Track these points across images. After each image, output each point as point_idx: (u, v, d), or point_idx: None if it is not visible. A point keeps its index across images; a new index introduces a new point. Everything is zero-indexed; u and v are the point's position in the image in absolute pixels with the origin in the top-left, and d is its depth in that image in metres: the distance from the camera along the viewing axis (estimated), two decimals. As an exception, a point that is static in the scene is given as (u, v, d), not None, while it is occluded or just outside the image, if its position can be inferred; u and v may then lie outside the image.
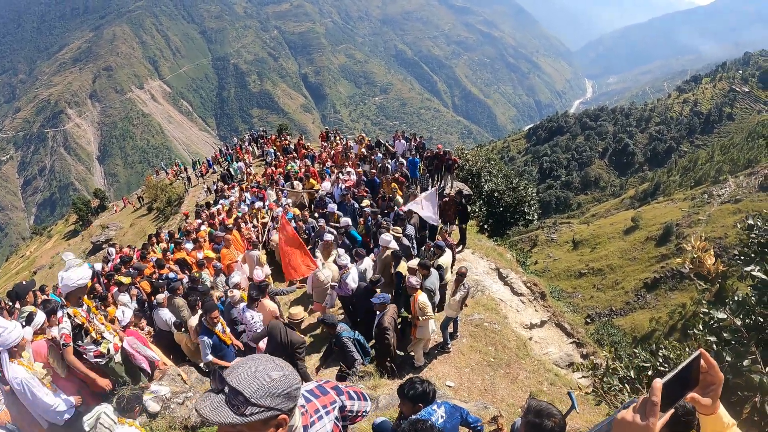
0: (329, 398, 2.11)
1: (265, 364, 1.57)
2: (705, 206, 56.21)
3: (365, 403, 2.38)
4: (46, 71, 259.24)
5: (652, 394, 1.24)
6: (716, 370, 1.36)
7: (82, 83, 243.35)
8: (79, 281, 5.21)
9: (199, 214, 18.60)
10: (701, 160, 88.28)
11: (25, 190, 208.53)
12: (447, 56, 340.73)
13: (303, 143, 29.55)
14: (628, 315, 48.28)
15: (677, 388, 1.32)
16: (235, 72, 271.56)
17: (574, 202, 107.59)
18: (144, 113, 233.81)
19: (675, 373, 1.31)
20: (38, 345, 5.29)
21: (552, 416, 2.93)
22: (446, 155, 17.01)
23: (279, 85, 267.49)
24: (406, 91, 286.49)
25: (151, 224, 33.25)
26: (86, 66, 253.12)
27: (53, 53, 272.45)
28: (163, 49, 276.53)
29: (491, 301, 10.87)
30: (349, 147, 23.17)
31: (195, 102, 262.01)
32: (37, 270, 38.16)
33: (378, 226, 11.09)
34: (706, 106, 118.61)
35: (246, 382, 1.50)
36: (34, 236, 58.93)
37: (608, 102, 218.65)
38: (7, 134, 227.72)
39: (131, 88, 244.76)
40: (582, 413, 6.45)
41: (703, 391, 1.38)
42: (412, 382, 3.98)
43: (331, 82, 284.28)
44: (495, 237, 18.95)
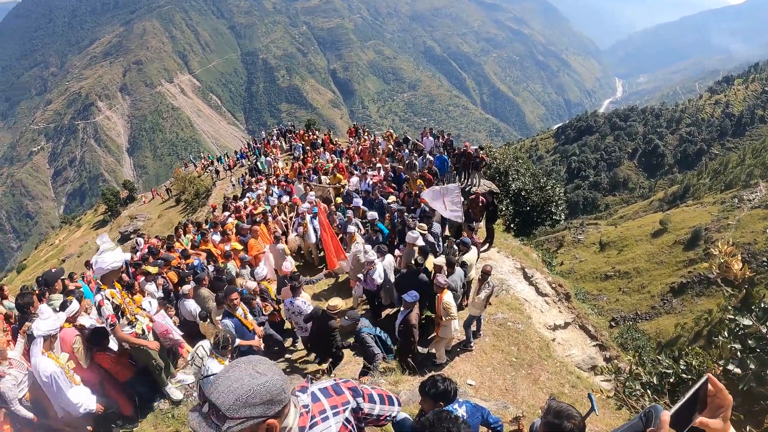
0: (342, 398, 2.06)
1: (242, 373, 1.55)
2: (735, 211, 55.05)
3: (391, 407, 2.33)
4: (77, 65, 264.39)
5: (661, 427, 1.27)
6: (725, 393, 1.36)
7: (113, 76, 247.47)
8: (113, 264, 5.37)
9: (227, 206, 18.80)
10: (732, 163, 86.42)
11: (55, 180, 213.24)
12: (476, 53, 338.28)
13: (330, 138, 29.69)
14: (654, 320, 47.56)
15: (685, 415, 1.33)
16: (264, 67, 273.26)
17: (602, 203, 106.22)
18: (173, 107, 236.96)
19: (682, 402, 1.33)
20: (66, 333, 5.41)
21: (572, 418, 2.89)
22: (474, 153, 16.94)
23: (307, 81, 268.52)
24: (435, 87, 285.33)
25: (178, 216, 33.69)
26: (117, 60, 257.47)
27: (84, 47, 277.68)
28: (193, 43, 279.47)
29: (515, 300, 10.81)
30: (377, 143, 23.22)
31: (224, 96, 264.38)
32: (66, 258, 38.90)
33: (404, 224, 11.10)
34: (738, 107, 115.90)
35: (223, 396, 1.50)
36: (63, 225, 60.01)
37: (638, 102, 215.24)
38: (38, 125, 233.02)
39: (161, 82, 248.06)
40: (603, 417, 6.40)
41: (713, 414, 1.37)
42: (434, 380, 3.97)
43: (360, 78, 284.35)
44: (521, 236, 18.82)
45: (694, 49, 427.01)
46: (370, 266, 9.46)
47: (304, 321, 7.94)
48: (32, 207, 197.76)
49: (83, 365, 5.45)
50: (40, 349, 4.77)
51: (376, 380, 6.25)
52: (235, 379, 1.53)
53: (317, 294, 11.97)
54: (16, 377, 4.89)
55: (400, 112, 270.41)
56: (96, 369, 5.63)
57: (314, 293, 12.00)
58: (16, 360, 5.02)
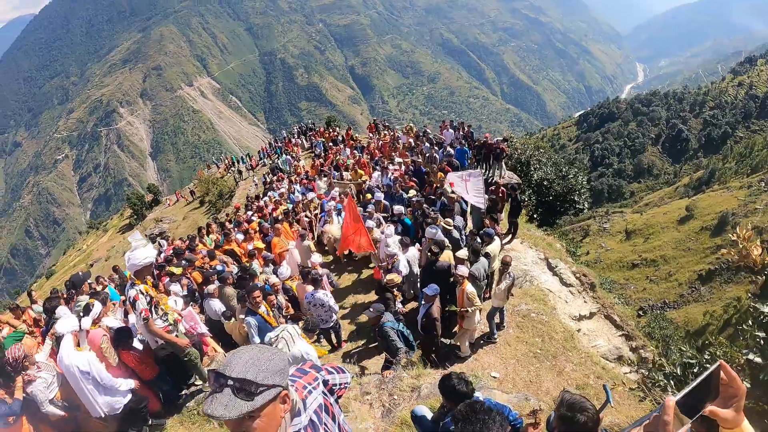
0: (311, 376, 2.19)
1: (252, 351, 1.65)
2: (762, 195, 53.75)
3: (344, 375, 2.48)
4: (97, 73, 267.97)
5: (664, 413, 1.21)
6: (738, 382, 1.29)
7: (133, 83, 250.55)
8: (146, 260, 5.49)
9: (249, 206, 18.95)
10: (758, 146, 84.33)
11: (80, 186, 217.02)
12: (494, 43, 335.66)
13: (351, 134, 29.76)
14: (682, 308, 46.74)
15: (695, 402, 1.28)
16: (282, 66, 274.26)
17: (626, 191, 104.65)
18: (194, 110, 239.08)
19: (690, 388, 1.28)
20: (94, 334, 5.57)
21: (585, 410, 2.86)
22: (495, 144, 16.88)
23: (326, 78, 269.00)
24: (454, 79, 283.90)
25: (203, 217, 34.00)
26: (136, 66, 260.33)
27: (103, 55, 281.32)
28: (211, 46, 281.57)
29: (539, 291, 10.73)
30: (396, 137, 23.23)
31: (244, 97, 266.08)
32: (94, 263, 39.50)
33: (424, 216, 11.11)
34: (762, 89, 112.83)
35: (247, 369, 1.56)
36: (90, 230, 60.79)
37: (660, 86, 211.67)
38: (62, 134, 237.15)
39: (181, 86, 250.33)
40: (625, 409, 6.32)
41: (725, 404, 1.31)
42: (450, 381, 3.99)
43: (378, 73, 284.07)
44: (544, 226, 18.67)
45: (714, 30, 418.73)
46: (392, 259, 9.51)
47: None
48: (59, 214, 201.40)
49: (112, 363, 5.58)
50: (72, 345, 4.90)
51: (399, 374, 6.28)
52: (251, 356, 1.61)
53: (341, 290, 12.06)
54: (46, 379, 5.03)
55: (420, 105, 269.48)
56: (123, 367, 5.74)
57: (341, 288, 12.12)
58: (44, 362, 5.15)
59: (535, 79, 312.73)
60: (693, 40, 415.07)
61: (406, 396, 5.82)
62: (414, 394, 5.74)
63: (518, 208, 13.16)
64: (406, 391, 5.95)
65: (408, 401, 5.51)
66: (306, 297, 8.60)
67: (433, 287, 7.30)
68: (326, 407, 2.11)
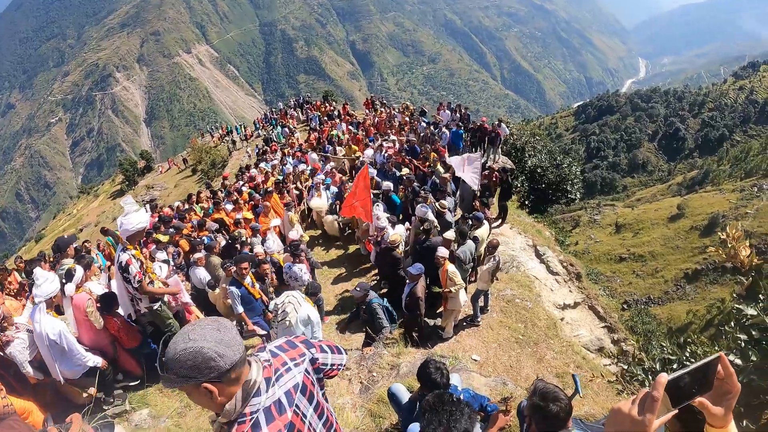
0: (298, 351, 2.16)
1: (182, 336, 1.70)
2: (754, 199, 54.04)
3: (340, 356, 2.42)
4: (94, 36, 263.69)
5: (654, 389, 1.16)
6: (734, 379, 1.24)
7: (130, 47, 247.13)
8: (138, 225, 5.49)
9: (241, 176, 18.87)
10: (754, 150, 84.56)
11: (73, 150, 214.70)
12: (497, 28, 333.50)
13: (348, 110, 29.64)
14: (666, 305, 47.11)
15: (687, 389, 1.22)
16: (282, 38, 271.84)
17: (619, 185, 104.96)
18: (191, 77, 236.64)
19: (686, 371, 1.21)
20: (78, 298, 5.56)
21: (558, 400, 2.87)
22: (491, 128, 16.83)
23: (326, 52, 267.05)
24: (455, 61, 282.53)
25: (195, 185, 33.81)
26: (134, 30, 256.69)
27: (101, 18, 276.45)
28: (211, 14, 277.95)
29: (525, 277, 10.74)
30: (393, 115, 23.12)
31: (242, 67, 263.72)
32: (83, 228, 39.36)
33: (415, 194, 11.08)
34: (762, 94, 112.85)
35: (169, 357, 1.67)
36: (81, 195, 60.31)
37: (661, 83, 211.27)
38: (56, 97, 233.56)
39: (178, 53, 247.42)
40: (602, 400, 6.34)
41: (716, 399, 1.26)
42: (427, 369, 3.99)
43: (379, 50, 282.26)
44: (535, 214, 18.70)
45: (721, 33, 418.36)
46: (382, 232, 9.52)
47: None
48: (50, 177, 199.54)
49: (98, 327, 5.59)
50: (45, 311, 4.86)
51: (380, 352, 6.28)
52: (176, 340, 1.69)
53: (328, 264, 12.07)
54: (24, 340, 5.00)
55: (419, 85, 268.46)
56: (106, 332, 5.76)
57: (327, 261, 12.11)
58: (23, 324, 5.12)
59: (536, 67, 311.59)
60: (698, 41, 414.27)
61: (384, 373, 5.83)
62: (393, 372, 5.74)
63: (509, 192, 13.17)
64: (386, 368, 5.95)
65: (386, 379, 5.51)
66: (284, 268, 8.62)
67: (417, 266, 7.30)
68: (304, 387, 2.05)
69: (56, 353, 4.93)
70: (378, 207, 10.61)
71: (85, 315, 5.49)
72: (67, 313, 5.51)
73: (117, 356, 5.90)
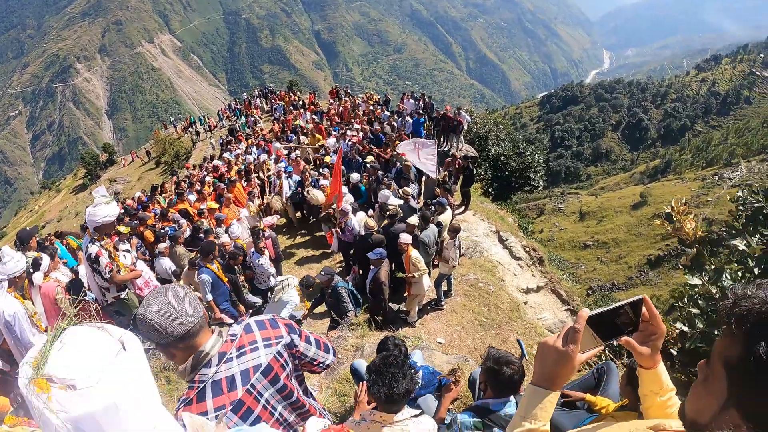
0: (276, 332, 2.15)
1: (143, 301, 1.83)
2: (714, 188, 55.51)
3: (325, 354, 2.38)
4: (54, 26, 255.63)
5: (576, 322, 1.25)
6: (658, 320, 1.32)
7: (92, 37, 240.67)
8: (104, 218, 5.40)
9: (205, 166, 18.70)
10: (715, 141, 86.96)
11: (33, 145, 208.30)
12: (463, 18, 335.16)
13: (313, 100, 29.55)
14: (630, 290, 48.09)
15: (613, 328, 1.29)
16: (246, 27, 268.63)
17: (583, 173, 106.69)
18: (154, 68, 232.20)
19: (608, 309, 1.28)
20: (47, 287, 5.54)
21: (510, 363, 2.97)
22: (453, 116, 16.97)
23: (291, 42, 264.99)
24: (420, 51, 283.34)
25: (158, 178, 33.29)
26: (95, 20, 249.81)
27: (62, 8, 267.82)
28: (174, 2, 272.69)
29: (488, 262, 10.88)
30: (357, 104, 23.14)
31: (206, 57, 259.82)
32: (46, 224, 38.50)
33: (378, 182, 11.12)
34: (724, 87, 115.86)
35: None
36: (42, 191, 59.01)
37: (625, 74, 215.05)
38: (15, 89, 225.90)
39: (141, 43, 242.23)
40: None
41: (643, 340, 1.35)
42: (385, 342, 4.10)
43: (344, 40, 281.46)
44: (499, 201, 18.93)
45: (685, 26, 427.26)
46: (345, 218, 9.56)
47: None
48: (11, 173, 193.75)
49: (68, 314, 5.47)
50: (5, 290, 4.76)
51: (344, 335, 6.34)
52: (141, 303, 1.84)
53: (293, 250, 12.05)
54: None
55: (385, 75, 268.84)
56: (79, 319, 5.69)
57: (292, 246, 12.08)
58: None
59: (501, 57, 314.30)
60: (662, 33, 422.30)
61: (349, 355, 5.90)
62: (357, 353, 5.81)
63: (470, 179, 13.28)
64: (350, 350, 6.02)
65: (351, 359, 5.57)
66: (252, 258, 8.78)
67: (378, 251, 7.36)
68: (269, 368, 2.04)
69: (12, 338, 4.85)
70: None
71: (54, 303, 5.44)
72: (35, 303, 5.38)
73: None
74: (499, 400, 3.00)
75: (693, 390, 1.06)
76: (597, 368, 4.02)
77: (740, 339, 0.90)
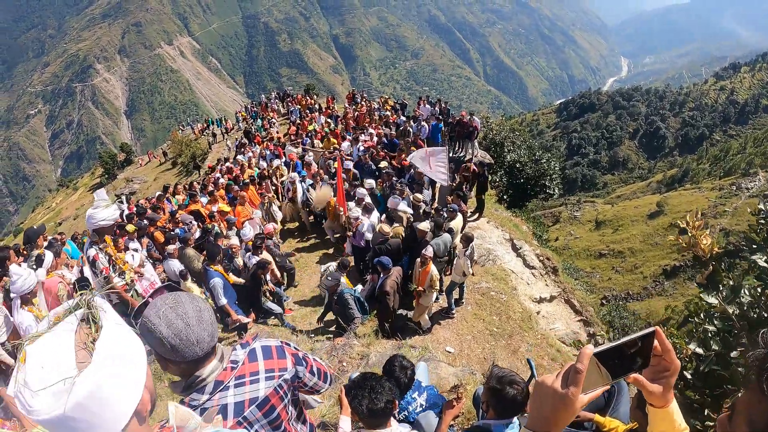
0: (281, 363, 2.04)
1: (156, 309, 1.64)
2: (732, 198, 54.93)
3: (324, 384, 2.31)
4: (75, 26, 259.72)
5: (579, 361, 1.09)
6: (672, 356, 1.18)
7: (111, 38, 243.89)
8: (102, 221, 5.45)
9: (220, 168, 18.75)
10: (733, 150, 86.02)
11: (52, 143, 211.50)
12: (481, 24, 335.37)
13: (330, 103, 29.68)
14: (645, 300, 47.74)
15: (621, 364, 1.14)
16: (265, 30, 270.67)
17: (600, 182, 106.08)
18: (172, 69, 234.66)
19: (615, 344, 1.13)
20: (50, 282, 5.61)
21: (514, 383, 2.86)
22: (468, 122, 16.88)
23: (309, 45, 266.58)
24: (438, 57, 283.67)
25: (175, 178, 33.55)
26: (115, 21, 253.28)
27: (82, 8, 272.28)
28: (193, 5, 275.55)
29: (501, 271, 10.74)
30: (373, 109, 23.13)
31: (224, 59, 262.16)
32: (62, 221, 38.89)
33: (392, 188, 11.02)
34: (742, 95, 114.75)
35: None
36: (60, 188, 59.84)
37: (643, 82, 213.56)
38: (35, 88, 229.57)
39: (160, 44, 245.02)
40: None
41: (654, 376, 1.21)
42: (393, 362, 3.97)
43: (362, 45, 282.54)
44: (513, 208, 18.76)
45: (703, 33, 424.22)
46: (357, 222, 9.48)
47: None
48: (29, 170, 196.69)
49: (71, 312, 5.50)
50: (19, 306, 4.93)
51: (350, 342, 6.26)
52: (154, 308, 1.65)
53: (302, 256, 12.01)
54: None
55: (402, 80, 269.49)
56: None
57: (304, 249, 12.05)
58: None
59: (519, 64, 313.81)
60: (680, 40, 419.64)
61: (354, 363, 5.83)
62: (362, 362, 5.74)
63: (484, 186, 13.15)
64: (356, 358, 5.95)
65: (356, 368, 5.50)
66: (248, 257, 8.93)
67: (385, 260, 7.30)
68: (265, 401, 1.93)
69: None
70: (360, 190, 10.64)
71: (56, 298, 5.48)
72: (39, 299, 5.42)
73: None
74: (501, 422, 2.88)
75: None
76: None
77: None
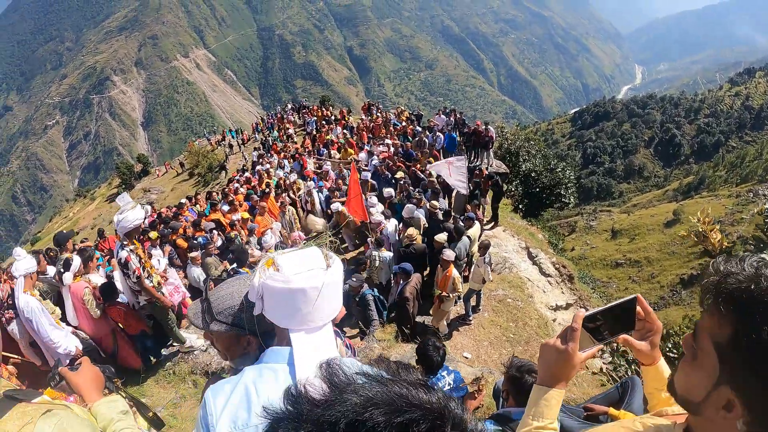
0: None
1: (233, 287, 1.66)
2: (749, 205, 54.21)
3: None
4: (92, 39, 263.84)
5: (573, 322, 1.32)
6: (653, 317, 1.39)
7: (128, 51, 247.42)
8: (135, 222, 5.58)
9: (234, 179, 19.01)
10: (749, 156, 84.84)
11: (70, 153, 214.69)
12: (494, 34, 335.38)
13: (345, 114, 29.91)
14: (662, 310, 46.98)
15: (610, 327, 1.35)
16: (280, 43, 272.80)
17: (616, 191, 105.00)
18: (188, 81, 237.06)
19: (602, 309, 1.35)
20: (76, 286, 5.71)
21: (533, 372, 3.01)
22: (484, 132, 16.99)
23: (324, 57, 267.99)
24: (452, 67, 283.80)
25: (191, 189, 33.83)
26: (132, 34, 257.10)
27: (100, 21, 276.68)
28: (209, 18, 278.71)
29: (518, 279, 10.84)
30: (388, 119, 23.31)
31: (239, 71, 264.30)
32: (80, 231, 39.28)
33: (409, 198, 11.17)
34: (758, 101, 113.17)
35: (220, 300, 1.62)
36: (77, 198, 60.18)
37: (658, 90, 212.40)
38: (53, 100, 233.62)
39: (176, 57, 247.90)
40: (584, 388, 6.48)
41: (640, 337, 1.42)
42: (425, 345, 4.14)
43: (376, 56, 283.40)
44: (529, 217, 18.80)
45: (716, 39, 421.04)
46: (380, 227, 9.63)
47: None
48: (47, 180, 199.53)
49: (94, 316, 5.71)
50: (22, 288, 4.98)
51: (371, 345, 6.41)
52: (236, 289, 1.65)
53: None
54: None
55: (416, 91, 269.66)
56: (107, 321, 5.87)
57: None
58: None
59: (532, 73, 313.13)
60: (694, 47, 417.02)
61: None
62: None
63: (500, 195, 13.28)
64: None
65: (376, 371, 5.62)
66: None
67: (406, 266, 7.44)
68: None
69: (33, 332, 5.08)
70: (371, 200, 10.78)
71: (82, 303, 5.63)
72: (66, 302, 5.64)
73: (117, 350, 5.96)
74: (520, 409, 3.01)
75: (681, 367, 1.08)
76: (622, 382, 4.02)
77: (730, 319, 0.91)
